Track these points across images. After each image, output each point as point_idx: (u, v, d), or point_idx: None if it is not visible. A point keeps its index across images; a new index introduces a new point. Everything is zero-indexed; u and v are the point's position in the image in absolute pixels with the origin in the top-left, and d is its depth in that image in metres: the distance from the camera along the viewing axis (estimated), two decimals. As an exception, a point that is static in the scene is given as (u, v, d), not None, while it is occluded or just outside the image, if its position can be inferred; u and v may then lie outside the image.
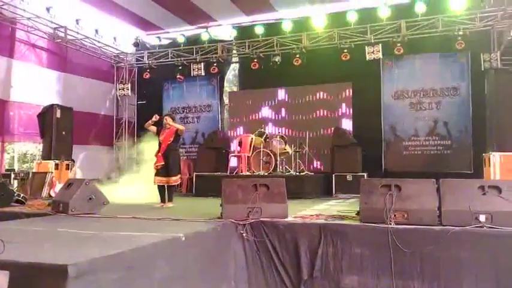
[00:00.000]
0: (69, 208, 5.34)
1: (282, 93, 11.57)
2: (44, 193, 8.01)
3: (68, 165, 8.92)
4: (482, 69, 8.95)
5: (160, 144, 6.97)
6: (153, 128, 7.12)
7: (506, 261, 3.84)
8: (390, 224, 4.20)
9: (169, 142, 6.91)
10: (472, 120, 9.53)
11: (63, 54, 10.76)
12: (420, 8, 9.38)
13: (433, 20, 9.40)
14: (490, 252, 3.90)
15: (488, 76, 7.51)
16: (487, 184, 4.31)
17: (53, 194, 7.66)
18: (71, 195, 5.52)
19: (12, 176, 8.38)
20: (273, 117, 11.60)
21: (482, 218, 4.07)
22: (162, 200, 6.92)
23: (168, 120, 7.00)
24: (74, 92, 10.66)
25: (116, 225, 4.66)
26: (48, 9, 9.74)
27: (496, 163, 6.24)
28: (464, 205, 4.15)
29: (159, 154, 6.89)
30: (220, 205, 4.89)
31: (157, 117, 7.07)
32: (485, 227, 4.02)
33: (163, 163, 6.82)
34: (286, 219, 4.74)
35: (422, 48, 9.84)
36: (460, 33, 9.16)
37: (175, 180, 6.91)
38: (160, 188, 6.92)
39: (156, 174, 6.86)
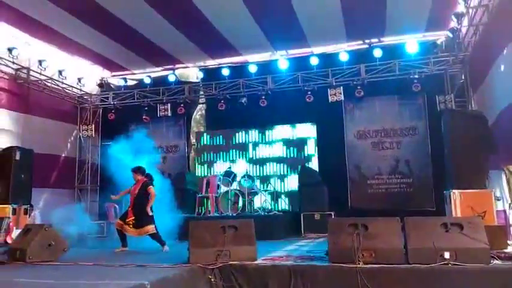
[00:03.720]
0: (26, 256, 5.10)
1: (248, 133, 11.69)
2: (0, 240, 7.55)
3: (27, 209, 8.50)
4: (438, 109, 9.48)
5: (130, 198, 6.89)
6: (127, 191, 7.06)
7: (472, 298, 3.92)
8: (359, 263, 4.23)
9: (135, 195, 6.82)
10: (432, 159, 9.89)
11: (24, 95, 10.48)
12: (377, 53, 9.92)
13: (390, 65, 9.94)
14: (455, 289, 3.98)
15: (444, 116, 7.90)
16: (449, 221, 4.46)
17: (9, 241, 7.23)
18: (28, 241, 5.28)
19: (-34, 221, 7.88)
20: (240, 157, 11.63)
21: (446, 255, 4.17)
22: (123, 245, 6.75)
23: (135, 174, 6.93)
24: (35, 134, 10.32)
25: (77, 273, 4.45)
26: (10, 50, 9.56)
27: (456, 200, 6.44)
28: (429, 243, 4.25)
29: (130, 209, 6.77)
30: (188, 249, 4.78)
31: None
32: (450, 264, 4.11)
33: (133, 217, 6.67)
34: (255, 262, 4.67)
35: (381, 90, 10.30)
36: (416, 76, 9.71)
37: (146, 230, 6.64)
38: (120, 232, 6.76)
39: (129, 225, 6.69)
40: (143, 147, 10.94)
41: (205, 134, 12.25)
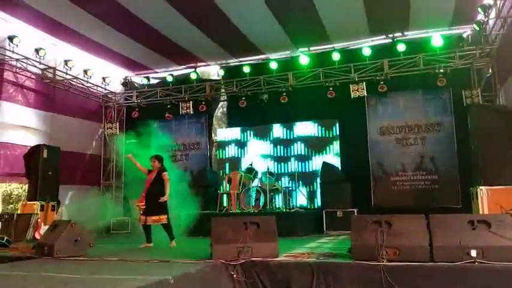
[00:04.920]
0: (54, 251, 5.22)
1: (270, 130, 11.67)
2: (29, 235, 7.80)
3: (54, 206, 8.74)
4: (465, 104, 9.23)
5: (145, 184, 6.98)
6: (144, 170, 7.17)
7: (500, 297, 3.82)
8: (382, 261, 4.17)
9: (151, 182, 6.91)
10: (458, 155, 9.64)
11: (51, 95, 10.74)
12: (401, 47, 9.74)
13: (414, 59, 9.74)
14: (482, 288, 3.88)
15: (471, 111, 7.70)
16: (476, 219, 4.34)
17: (37, 237, 7.45)
18: (56, 237, 5.41)
19: (-4, 217, 8.16)
20: (262, 154, 11.62)
21: (473, 253, 4.07)
22: (148, 241, 6.83)
23: (153, 161, 7.02)
24: (61, 132, 10.57)
25: (103, 268, 4.53)
26: (37, 51, 9.82)
27: (483, 197, 6.29)
28: (455, 240, 4.16)
29: (143, 194, 6.89)
30: (210, 245, 4.82)
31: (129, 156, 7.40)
32: (477, 262, 4.01)
33: (143, 203, 6.80)
34: (277, 259, 4.67)
35: (405, 85, 10.11)
36: (441, 70, 9.49)
37: (158, 219, 6.73)
38: (145, 228, 6.84)
39: (142, 214, 6.82)
40: (166, 144, 11.11)
41: (227, 131, 12.30)
